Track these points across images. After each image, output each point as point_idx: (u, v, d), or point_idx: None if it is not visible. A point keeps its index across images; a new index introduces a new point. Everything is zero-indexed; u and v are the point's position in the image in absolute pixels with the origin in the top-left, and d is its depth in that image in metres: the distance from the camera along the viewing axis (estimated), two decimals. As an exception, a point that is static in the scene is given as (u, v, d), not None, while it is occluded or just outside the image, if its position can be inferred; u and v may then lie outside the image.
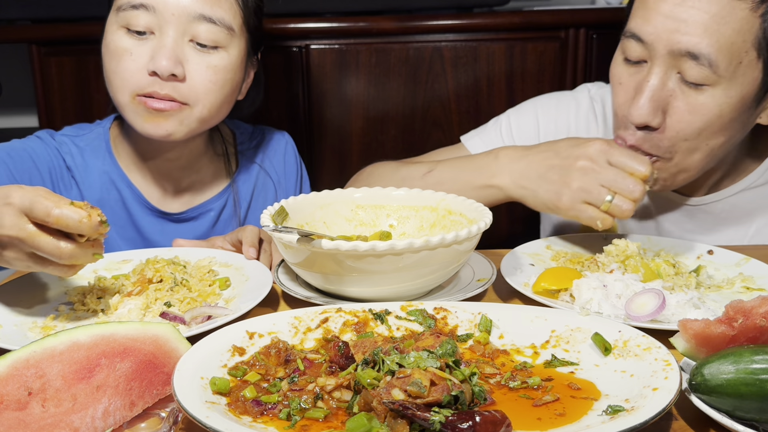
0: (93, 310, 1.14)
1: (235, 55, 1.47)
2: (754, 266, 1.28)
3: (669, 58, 1.26)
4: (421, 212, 1.32)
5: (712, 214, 1.52)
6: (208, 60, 1.42)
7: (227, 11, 1.43)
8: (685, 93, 1.28)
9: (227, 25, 1.43)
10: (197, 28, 1.40)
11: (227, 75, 1.46)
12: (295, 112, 2.21)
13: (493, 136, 1.68)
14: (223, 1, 1.43)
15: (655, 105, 1.28)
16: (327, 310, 1.03)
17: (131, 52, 1.39)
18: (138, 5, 1.38)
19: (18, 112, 2.64)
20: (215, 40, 1.42)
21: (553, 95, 1.72)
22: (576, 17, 2.17)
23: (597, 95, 1.65)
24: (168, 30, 1.39)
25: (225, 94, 1.47)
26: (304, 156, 2.21)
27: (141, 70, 1.39)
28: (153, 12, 1.38)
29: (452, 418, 0.75)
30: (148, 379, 0.89)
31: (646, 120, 1.29)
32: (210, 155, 1.66)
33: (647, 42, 1.28)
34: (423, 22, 2.16)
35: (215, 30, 1.41)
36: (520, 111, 1.70)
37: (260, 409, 0.82)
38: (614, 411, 0.80)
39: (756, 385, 0.79)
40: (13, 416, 0.81)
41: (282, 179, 1.75)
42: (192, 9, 1.39)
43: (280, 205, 1.24)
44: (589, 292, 1.14)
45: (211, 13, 1.41)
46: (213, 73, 1.43)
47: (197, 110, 1.44)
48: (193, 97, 1.42)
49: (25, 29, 2.19)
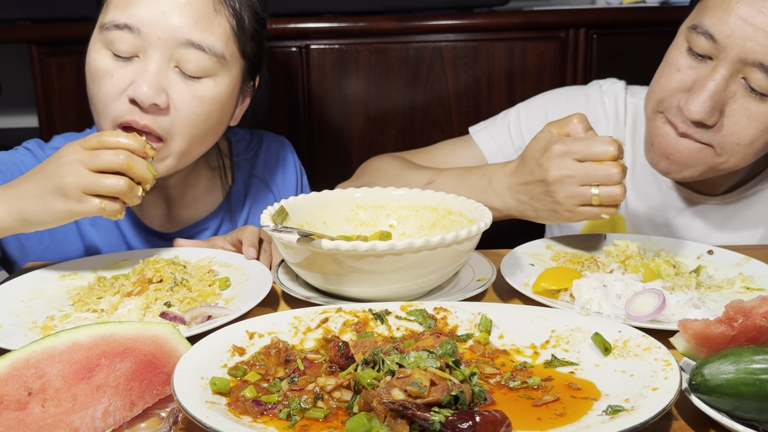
0: (93, 310, 1.14)
1: (225, 85, 1.34)
2: (754, 266, 1.28)
3: (738, 63, 1.26)
4: (421, 212, 1.32)
5: (723, 214, 1.53)
6: (194, 89, 1.30)
7: (219, 38, 1.31)
8: (746, 98, 1.28)
9: (218, 53, 1.30)
10: (185, 54, 1.28)
11: (214, 106, 1.34)
12: (295, 112, 2.21)
13: (501, 130, 1.68)
14: (216, 26, 1.30)
15: (714, 104, 1.28)
16: (327, 310, 1.03)
17: (112, 74, 1.28)
18: (122, 25, 1.27)
19: (18, 112, 2.64)
20: (203, 68, 1.30)
21: (563, 90, 1.72)
22: (576, 17, 2.17)
23: (609, 90, 1.65)
24: (153, 54, 1.27)
25: (209, 126, 1.36)
26: (304, 156, 2.21)
27: (121, 96, 1.28)
28: (138, 34, 1.27)
29: (452, 418, 0.75)
30: (148, 379, 0.89)
31: (703, 118, 1.29)
32: (204, 169, 1.58)
33: (720, 43, 1.27)
34: (423, 22, 2.16)
35: (204, 58, 1.29)
36: (530, 105, 1.70)
37: (260, 409, 0.82)
38: (614, 411, 0.80)
39: (756, 385, 0.79)
40: (13, 416, 0.81)
41: (281, 190, 1.69)
42: (180, 34, 1.27)
43: (280, 205, 1.24)
44: (589, 292, 1.14)
45: (200, 39, 1.28)
46: (198, 105, 1.31)
47: (175, 144, 1.33)
48: (173, 131, 1.31)
49: (25, 29, 2.19)
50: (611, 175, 1.22)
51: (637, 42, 2.19)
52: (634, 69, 1.73)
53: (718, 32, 1.27)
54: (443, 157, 1.68)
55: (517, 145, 1.66)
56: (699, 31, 1.29)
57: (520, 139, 1.66)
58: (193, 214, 1.57)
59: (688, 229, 1.55)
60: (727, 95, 1.29)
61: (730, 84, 1.28)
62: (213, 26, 1.30)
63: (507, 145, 1.66)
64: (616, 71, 1.78)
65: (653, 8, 2.23)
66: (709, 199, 1.53)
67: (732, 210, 1.52)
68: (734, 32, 1.25)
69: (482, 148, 1.67)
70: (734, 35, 1.25)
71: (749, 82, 1.26)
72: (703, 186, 1.51)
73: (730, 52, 1.26)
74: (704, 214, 1.54)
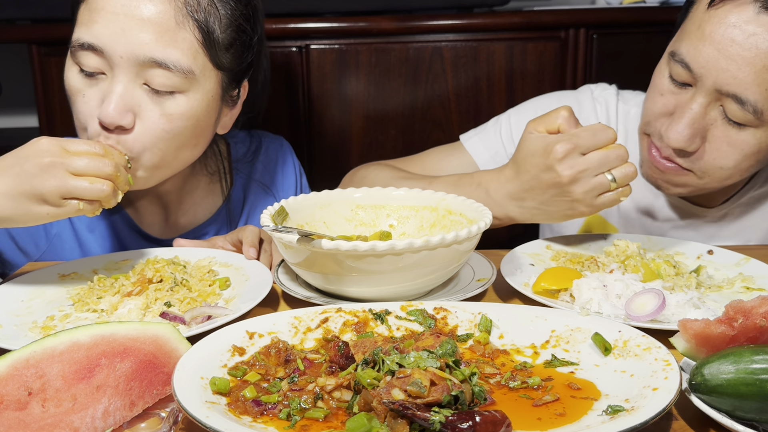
0: (93, 310, 1.14)
1: (198, 99, 1.29)
2: (754, 266, 1.28)
3: (714, 92, 1.26)
4: (421, 212, 1.32)
5: (718, 221, 1.53)
6: (163, 106, 1.26)
7: (185, 53, 1.24)
8: (726, 126, 1.28)
9: (184, 69, 1.25)
10: (150, 72, 1.23)
11: (187, 122, 1.29)
12: (294, 112, 2.21)
13: (493, 137, 1.66)
14: (180, 41, 1.24)
15: (693, 131, 1.29)
16: (327, 310, 1.03)
17: (84, 93, 1.27)
18: (86, 45, 1.23)
19: (18, 112, 2.64)
20: (171, 85, 1.25)
21: (554, 95, 1.70)
22: (576, 17, 2.17)
23: (600, 97, 1.64)
24: (119, 74, 1.23)
25: (182, 141, 1.31)
26: (304, 156, 2.21)
27: (92, 115, 1.26)
28: (101, 53, 1.23)
29: (452, 418, 0.75)
30: (148, 379, 0.89)
31: (684, 146, 1.30)
32: (202, 174, 1.56)
33: (695, 72, 1.27)
34: (423, 22, 2.16)
35: (169, 75, 1.24)
36: (520, 111, 1.68)
37: (260, 409, 0.82)
38: (614, 411, 0.80)
39: (756, 385, 0.79)
40: (13, 416, 0.81)
41: (281, 192, 1.67)
42: (141, 53, 1.22)
43: (280, 205, 1.24)
44: (589, 292, 1.14)
45: (163, 56, 1.22)
46: (167, 122, 1.27)
47: (145, 159, 1.28)
48: (138, 147, 1.27)
49: (25, 29, 2.19)
50: (622, 156, 1.21)
51: (637, 42, 2.19)
52: (634, 69, 1.73)
53: (693, 62, 1.27)
54: (434, 164, 1.66)
55: (509, 152, 1.64)
56: (676, 60, 1.30)
57: (512, 146, 1.63)
58: (192, 220, 1.56)
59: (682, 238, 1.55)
60: (708, 122, 1.29)
61: (709, 111, 1.29)
62: (177, 41, 1.24)
63: (500, 153, 1.65)
64: (616, 71, 1.78)
65: (653, 8, 2.23)
66: (704, 211, 1.53)
67: (727, 216, 1.52)
68: (708, 62, 1.25)
69: (474, 157, 1.65)
70: (708, 65, 1.25)
71: (726, 112, 1.27)
72: (698, 198, 1.52)
73: (705, 81, 1.26)
74: (699, 222, 1.54)
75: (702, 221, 1.54)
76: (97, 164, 1.12)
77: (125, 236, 1.52)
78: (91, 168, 1.12)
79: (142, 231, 1.52)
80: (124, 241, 1.52)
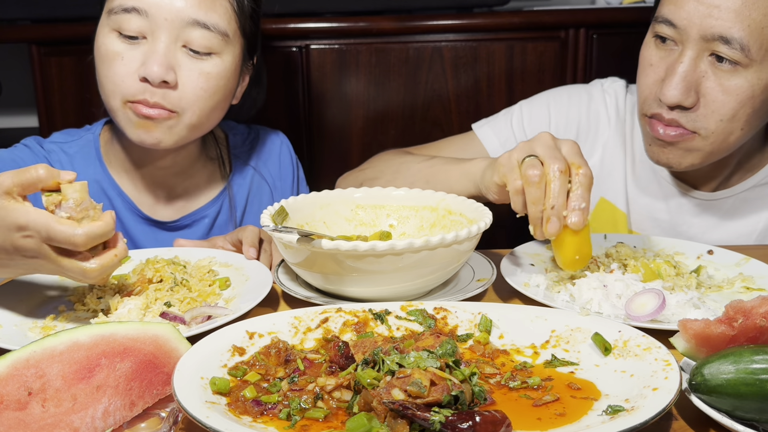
0: (93, 310, 1.14)
1: (229, 62, 1.43)
2: (754, 266, 1.28)
3: (701, 41, 1.32)
4: (421, 212, 1.32)
5: (722, 210, 1.55)
6: (200, 66, 1.38)
7: (222, 16, 1.39)
8: (718, 75, 1.33)
9: (222, 31, 1.39)
10: (191, 33, 1.36)
11: (220, 82, 1.42)
12: (294, 112, 2.21)
13: (504, 127, 1.70)
14: (218, 6, 1.39)
15: (687, 85, 1.33)
16: (327, 310, 1.03)
17: (123, 56, 1.36)
18: (130, 9, 1.34)
19: (18, 112, 2.64)
20: (209, 46, 1.38)
21: (566, 88, 1.74)
22: (576, 17, 2.17)
23: (610, 89, 1.69)
24: (160, 35, 1.35)
25: (216, 101, 1.44)
26: (304, 156, 2.21)
27: (132, 76, 1.35)
28: (145, 16, 1.34)
29: (452, 418, 0.75)
30: (148, 379, 0.89)
31: (679, 100, 1.34)
32: (203, 159, 1.62)
33: (679, 27, 1.33)
34: (423, 22, 2.16)
35: (209, 36, 1.37)
36: (533, 103, 1.72)
37: (260, 409, 0.82)
38: (614, 411, 0.80)
39: (756, 385, 0.79)
40: (13, 416, 0.81)
41: (277, 181, 1.72)
42: (186, 14, 1.35)
43: (280, 205, 1.24)
44: (589, 292, 1.14)
45: (205, 18, 1.36)
46: (205, 81, 1.39)
47: (186, 117, 1.40)
48: (182, 105, 1.38)
49: (25, 29, 2.19)
50: None
51: (637, 42, 2.17)
52: (634, 69, 1.73)
53: (676, 17, 1.34)
54: (448, 152, 1.69)
55: (519, 140, 1.66)
56: (660, 21, 1.37)
57: (522, 135, 1.68)
58: (193, 203, 1.61)
59: (686, 225, 1.56)
60: (699, 75, 1.34)
61: (699, 64, 1.34)
62: (216, 6, 1.38)
63: (509, 141, 1.68)
64: (616, 71, 1.78)
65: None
66: (706, 195, 1.54)
67: (731, 206, 1.54)
68: (690, 14, 1.32)
69: (485, 144, 1.69)
70: (690, 16, 1.32)
71: (715, 59, 1.31)
72: (699, 181, 1.54)
73: (690, 32, 1.32)
74: (703, 210, 1.56)
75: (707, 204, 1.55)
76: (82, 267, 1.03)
77: (127, 219, 1.55)
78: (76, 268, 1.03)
79: (142, 213, 1.56)
80: (126, 224, 1.55)
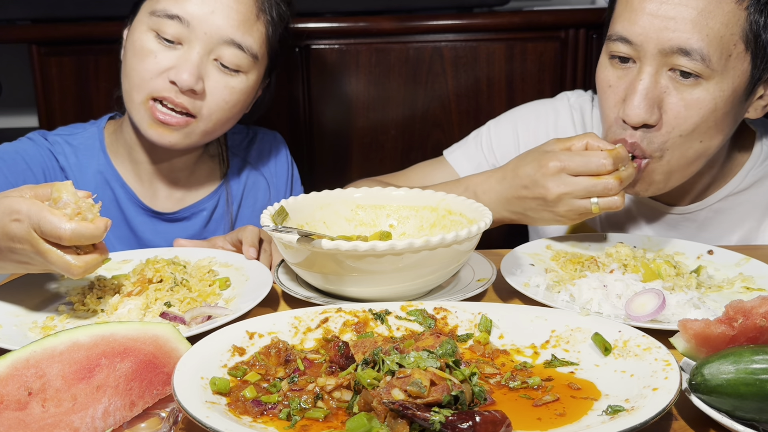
0: (93, 310, 1.14)
1: (253, 80, 1.51)
2: (754, 266, 1.28)
3: (659, 56, 1.28)
4: (421, 212, 1.32)
5: (696, 222, 1.53)
6: (227, 81, 1.46)
7: (256, 40, 1.48)
8: (679, 89, 1.29)
9: (253, 53, 1.47)
10: (225, 50, 1.44)
11: (241, 97, 1.50)
12: (295, 112, 2.21)
13: (474, 150, 1.70)
14: (255, 30, 1.47)
15: (649, 103, 1.29)
16: (327, 310, 1.03)
17: (156, 55, 1.43)
18: (173, 16, 1.41)
19: (18, 112, 2.64)
20: (239, 64, 1.46)
21: (532, 105, 1.73)
22: (576, 17, 2.17)
23: (576, 104, 1.66)
24: (196, 45, 1.42)
25: (233, 113, 1.52)
26: (304, 156, 2.21)
27: (161, 74, 1.42)
28: (186, 26, 1.41)
29: (452, 418, 0.75)
30: (148, 379, 0.89)
31: (644, 119, 1.30)
32: (205, 157, 1.69)
33: (636, 43, 1.29)
34: (423, 22, 2.16)
35: (241, 56, 1.45)
36: (500, 123, 1.72)
37: (260, 409, 0.82)
38: (614, 411, 0.80)
39: (756, 385, 0.79)
40: (13, 416, 0.81)
41: (273, 178, 1.77)
42: (224, 32, 1.43)
43: (280, 205, 1.24)
44: (589, 292, 1.14)
45: (241, 40, 1.45)
46: (229, 94, 1.47)
47: (203, 124, 1.47)
48: (203, 112, 1.46)
49: (25, 29, 2.19)
50: (609, 189, 1.25)
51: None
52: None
53: (631, 33, 1.29)
54: (419, 179, 1.69)
55: (491, 163, 1.68)
56: (614, 39, 1.33)
57: (492, 157, 1.68)
58: (192, 196, 1.67)
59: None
60: (660, 91, 1.30)
61: (659, 80, 1.29)
62: (253, 30, 1.47)
63: (482, 165, 1.68)
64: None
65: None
66: (679, 210, 1.52)
67: (704, 218, 1.52)
68: (645, 28, 1.28)
69: (457, 169, 1.69)
70: (646, 31, 1.28)
71: (676, 72, 1.28)
72: (673, 198, 1.52)
73: (648, 48, 1.28)
74: (678, 223, 1.54)
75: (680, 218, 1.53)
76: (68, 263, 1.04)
77: (128, 209, 1.60)
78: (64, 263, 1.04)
79: (143, 204, 1.61)
80: (127, 214, 1.60)
